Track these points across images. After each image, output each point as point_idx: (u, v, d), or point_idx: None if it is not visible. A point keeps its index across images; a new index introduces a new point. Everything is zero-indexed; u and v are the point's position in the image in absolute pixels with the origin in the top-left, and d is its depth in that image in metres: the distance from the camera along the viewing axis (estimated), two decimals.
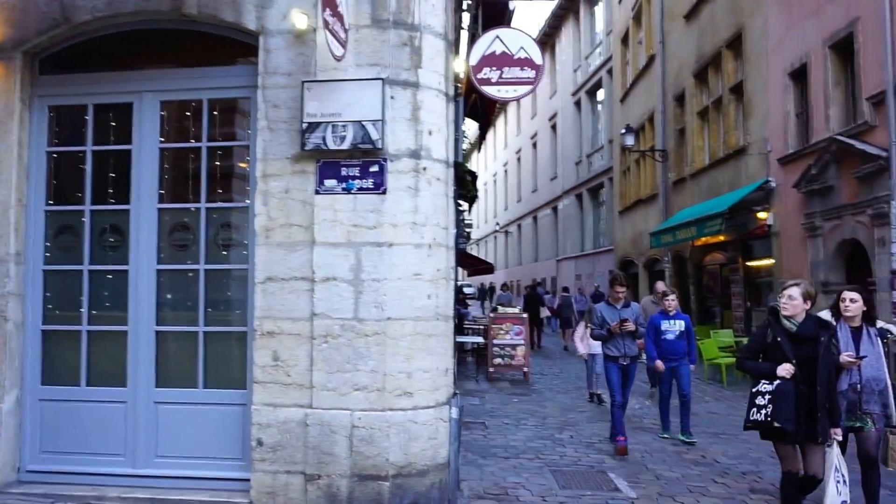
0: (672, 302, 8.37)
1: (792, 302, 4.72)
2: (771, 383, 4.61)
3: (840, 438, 4.83)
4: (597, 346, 9.03)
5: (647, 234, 19.64)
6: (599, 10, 28.85)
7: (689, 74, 17.84)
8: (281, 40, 5.31)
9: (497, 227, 47.56)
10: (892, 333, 5.85)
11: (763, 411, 4.59)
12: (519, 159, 42.16)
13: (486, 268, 24.58)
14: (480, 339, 14.94)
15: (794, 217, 12.65)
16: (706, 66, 16.92)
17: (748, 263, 15.28)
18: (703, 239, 15.81)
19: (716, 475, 6.74)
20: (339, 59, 4.91)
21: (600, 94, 28.68)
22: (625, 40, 24.02)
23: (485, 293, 39.91)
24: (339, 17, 4.83)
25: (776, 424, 4.55)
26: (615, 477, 6.59)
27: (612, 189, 26.15)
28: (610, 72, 26.42)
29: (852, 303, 5.32)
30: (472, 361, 15.55)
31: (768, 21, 13.65)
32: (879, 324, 5.59)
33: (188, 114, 5.71)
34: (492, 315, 14.22)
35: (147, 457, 5.45)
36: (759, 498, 6.07)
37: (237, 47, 5.54)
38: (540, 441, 8.10)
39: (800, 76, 12.60)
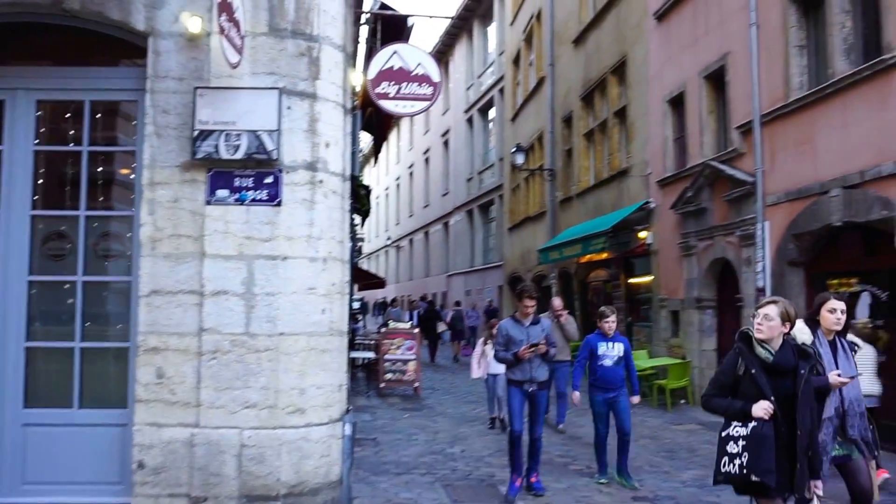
0: (611, 323, 7.05)
1: (768, 323, 3.93)
2: (745, 426, 3.81)
3: (821, 493, 3.98)
4: (498, 366, 8.08)
5: (536, 250, 20.22)
6: (492, 30, 29.58)
7: (577, 97, 18.59)
8: (172, 43, 5.11)
9: (389, 242, 47.54)
10: (858, 346, 5.36)
11: (737, 461, 3.79)
12: (411, 174, 42.37)
13: (378, 282, 24.49)
14: (372, 355, 14.86)
15: (671, 236, 13.40)
16: (592, 91, 17.69)
17: (630, 280, 16.02)
18: (588, 256, 16.44)
19: (601, 486, 6.98)
20: (234, 66, 4.79)
21: (492, 113, 29.34)
22: (516, 61, 24.73)
23: (379, 308, 39.88)
24: (236, 23, 4.71)
25: (754, 478, 3.75)
26: (505, 490, 6.70)
27: (502, 206, 26.74)
28: (501, 91, 27.10)
29: (843, 314, 4.60)
30: (362, 377, 15.44)
31: (650, 51, 14.45)
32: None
33: (68, 115, 5.39)
34: (383, 330, 14.17)
35: (13, 484, 5.05)
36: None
37: (124, 48, 5.29)
38: (431, 456, 8.13)
39: (677, 104, 13.41)
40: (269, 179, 5.10)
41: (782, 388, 3.85)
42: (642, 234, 14.40)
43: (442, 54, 33.29)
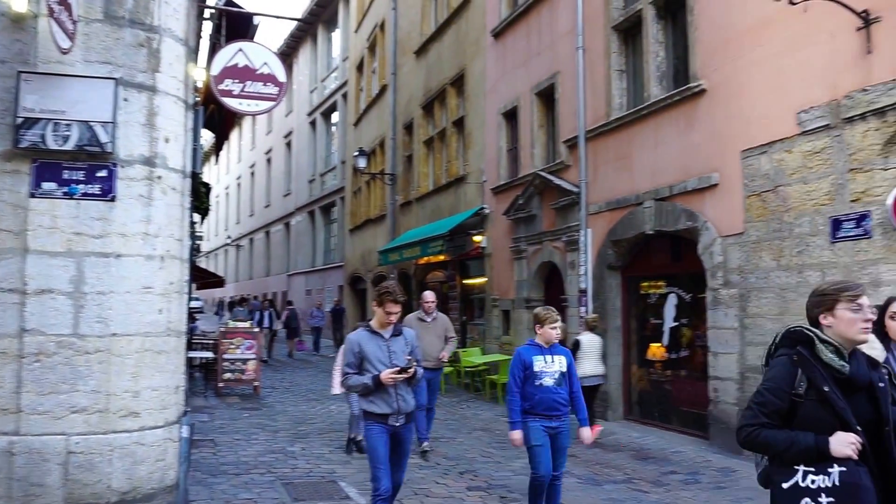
0: (555, 330, 5.32)
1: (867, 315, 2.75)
2: (825, 471, 2.59)
3: None
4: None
5: (376, 251, 20.46)
6: (337, 36, 29.52)
7: (418, 106, 19.05)
8: None
9: (229, 241, 45.87)
10: None
11: None
12: (253, 174, 41.24)
13: (217, 281, 23.62)
14: (210, 354, 14.36)
15: (503, 241, 14.13)
16: (433, 100, 18.22)
17: (465, 281, 16.66)
18: (427, 258, 16.89)
19: (438, 476, 7.28)
20: (65, 52, 4.57)
21: (335, 117, 29.27)
22: (360, 68, 24.88)
23: (223, 307, 38.38)
24: (67, 6, 4.49)
25: None
26: (346, 486, 6.82)
27: (343, 208, 26.76)
28: (345, 96, 27.12)
29: None
30: (200, 377, 14.90)
31: (487, 66, 15.16)
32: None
33: None
34: (222, 329, 13.74)
35: None
36: (475, 495, 6.69)
37: None
38: (271, 455, 8.06)
39: (511, 117, 14.17)
40: (102, 173, 4.90)
41: (862, 412, 2.67)
42: (477, 238, 15.05)
43: (287, 56, 32.72)
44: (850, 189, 6.87)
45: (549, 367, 5.24)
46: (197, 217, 10.54)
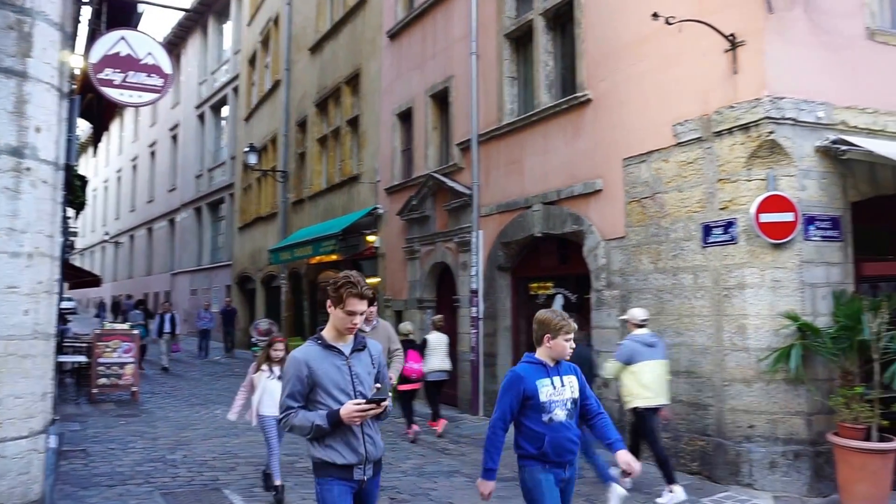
0: (570, 342, 3.87)
1: None
2: None
3: None
4: (270, 407, 6.11)
5: (267, 250, 19.99)
6: (228, 28, 28.62)
7: (312, 103, 18.78)
8: None
9: (106, 237, 43.41)
10: None
11: None
12: (135, 167, 39.27)
13: (92, 280, 22.30)
14: (83, 358, 13.57)
15: (397, 241, 14.17)
16: (327, 98, 18.01)
17: None
18: (319, 257, 16.66)
19: None
20: None
21: (225, 111, 28.39)
22: (252, 62, 24.25)
23: (104, 308, 36.33)
24: None
25: None
26: (230, 493, 6.65)
27: (232, 205, 25.99)
28: (236, 90, 26.35)
29: None
30: (72, 383, 14.05)
31: (382, 66, 15.15)
32: None
33: None
34: (97, 332, 13.03)
35: None
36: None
37: None
38: (150, 464, 7.74)
39: (406, 118, 14.23)
40: None
41: None
42: (371, 238, 15.02)
43: (174, 46, 31.42)
44: (719, 198, 7.35)
45: (560, 395, 3.81)
46: (71, 212, 9.95)
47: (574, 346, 3.90)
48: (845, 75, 7.33)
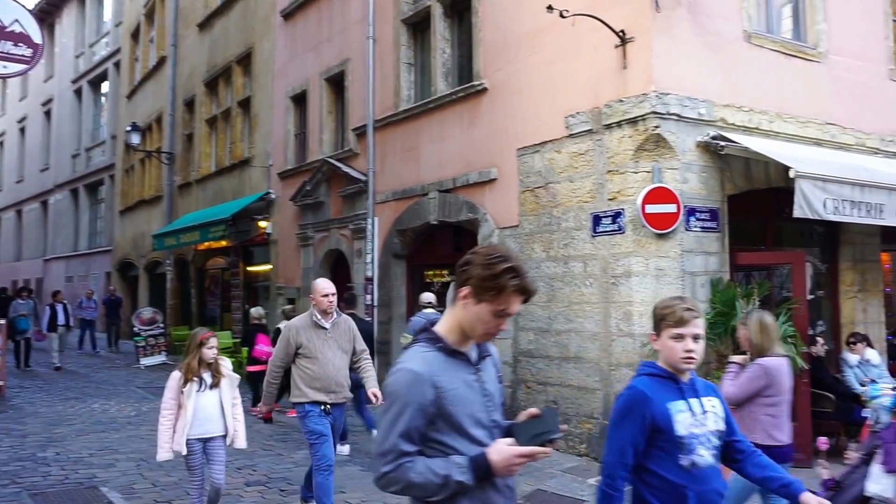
0: (696, 354, 2.56)
1: None
2: None
3: None
4: (207, 424, 5.05)
5: (150, 235, 19.07)
6: None
7: (200, 82, 17.99)
8: None
9: None
10: None
11: None
12: (1, 144, 36.38)
13: None
14: None
15: (290, 227, 13.84)
16: (217, 77, 17.30)
17: (248, 268, 16.09)
18: (207, 243, 16.08)
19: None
20: None
21: (105, 87, 26.78)
22: (135, 36, 22.97)
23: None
24: None
25: None
26: (108, 491, 6.32)
27: (113, 187, 24.64)
28: (117, 65, 24.89)
29: None
30: None
31: (276, 47, 14.69)
32: None
33: None
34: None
35: None
36: (254, 490, 6.49)
37: None
38: (17, 463, 7.22)
39: (300, 101, 13.88)
40: None
41: None
42: (262, 224, 14.61)
43: (46, 14, 29.26)
44: (608, 189, 7.60)
45: (702, 426, 2.56)
46: None
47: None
48: (725, 75, 7.73)
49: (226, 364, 5.20)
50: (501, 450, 2.04)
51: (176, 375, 5.04)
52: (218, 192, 16.93)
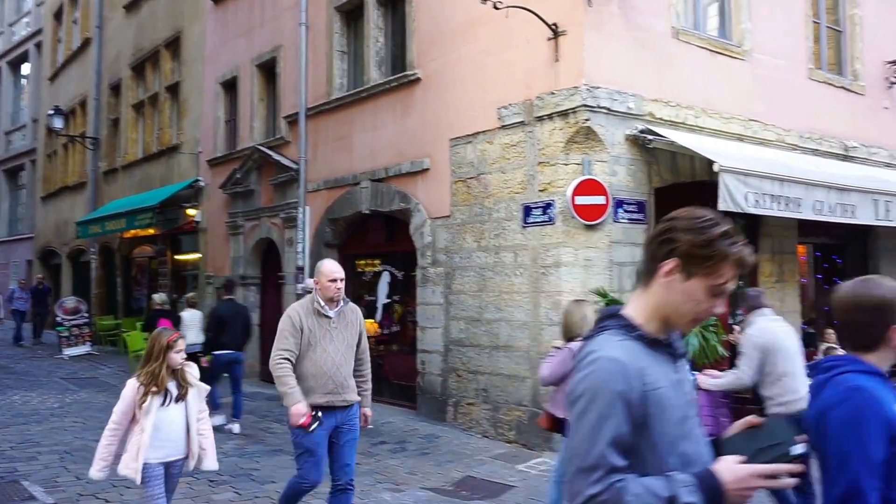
0: None
1: None
2: None
3: None
4: (161, 448, 4.09)
5: (74, 223, 18.33)
6: None
7: (127, 66, 17.38)
8: None
9: None
10: None
11: None
12: None
13: None
14: None
15: (219, 215, 13.51)
16: (144, 61, 16.74)
17: (176, 257, 15.67)
18: (134, 231, 15.61)
19: None
20: None
21: (25, 68, 25.66)
22: (58, 16, 22.05)
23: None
24: None
25: None
26: (29, 485, 6.08)
27: (34, 172, 23.67)
28: (39, 46, 23.84)
29: None
30: None
31: (206, 31, 14.29)
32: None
33: None
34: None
35: None
36: (182, 481, 6.30)
37: None
38: None
39: (231, 87, 13.54)
40: None
41: None
42: (191, 212, 14.23)
43: None
44: (539, 180, 7.67)
45: None
46: None
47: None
48: (653, 70, 7.89)
49: (192, 371, 4.28)
50: (734, 468, 1.59)
51: (133, 385, 4.10)
52: (145, 178, 16.40)
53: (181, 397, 4.15)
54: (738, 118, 8.65)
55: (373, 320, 10.55)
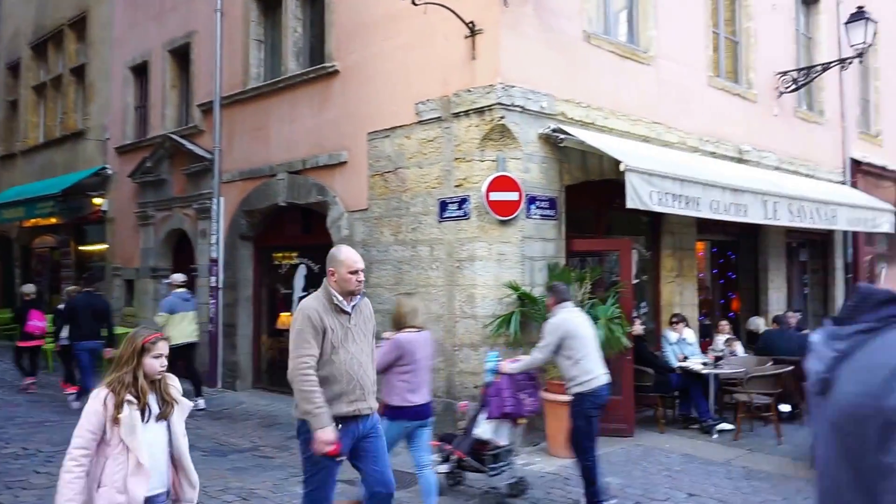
0: None
1: None
2: None
3: None
4: (151, 479, 3.18)
5: None
6: None
7: (26, 45, 16.54)
8: None
9: None
10: None
11: None
12: None
13: None
14: None
15: (128, 205, 13.08)
16: (46, 41, 15.96)
17: (81, 248, 15.05)
18: (34, 220, 14.91)
19: (38, 466, 6.54)
20: None
21: None
22: None
23: None
24: None
25: None
26: None
27: None
28: None
29: None
30: None
31: (115, 12, 13.76)
32: None
33: None
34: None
35: None
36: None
37: None
38: None
39: (141, 72, 13.11)
40: None
41: None
42: (97, 201, 13.72)
43: None
44: (455, 176, 7.85)
45: None
46: None
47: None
48: (565, 71, 8.19)
49: (175, 384, 3.42)
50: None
51: (102, 396, 3.18)
52: (47, 165, 15.66)
53: (163, 416, 3.30)
54: (644, 120, 9.09)
55: (289, 313, 10.49)
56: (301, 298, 10.23)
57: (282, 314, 10.62)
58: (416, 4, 7.44)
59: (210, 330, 10.80)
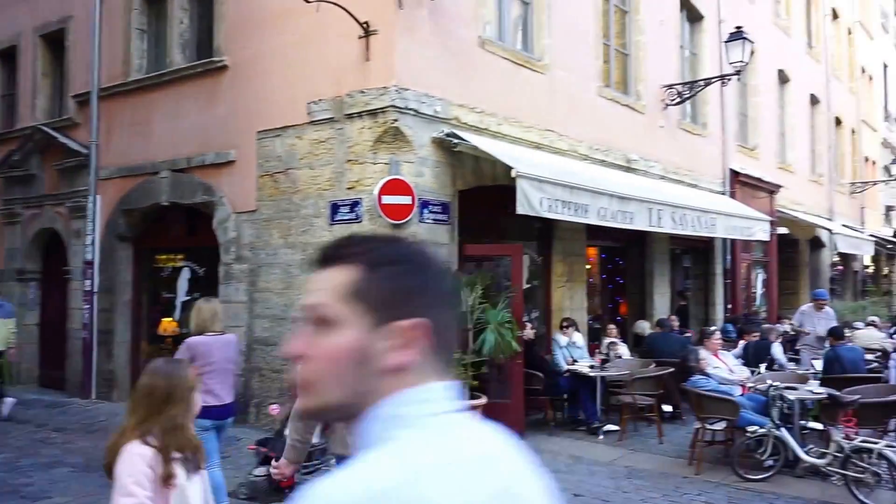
0: None
1: None
2: None
3: None
4: None
5: None
6: None
7: None
8: None
9: None
10: None
11: None
12: None
13: None
14: None
15: None
16: None
17: None
18: None
19: None
20: None
21: None
22: None
23: None
24: None
25: None
26: None
27: None
28: None
29: None
30: None
31: None
32: None
33: None
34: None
35: None
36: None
37: None
38: None
39: (9, 58, 12.18)
40: None
41: None
42: None
43: None
44: (347, 178, 7.68)
45: None
46: None
47: None
48: (460, 76, 8.18)
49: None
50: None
51: (146, 454, 2.52)
52: None
53: (198, 466, 2.71)
54: (537, 128, 9.23)
55: (171, 318, 9.98)
56: (185, 303, 9.89)
57: (164, 319, 10.08)
58: (308, 2, 7.22)
59: (84, 337, 10.09)
